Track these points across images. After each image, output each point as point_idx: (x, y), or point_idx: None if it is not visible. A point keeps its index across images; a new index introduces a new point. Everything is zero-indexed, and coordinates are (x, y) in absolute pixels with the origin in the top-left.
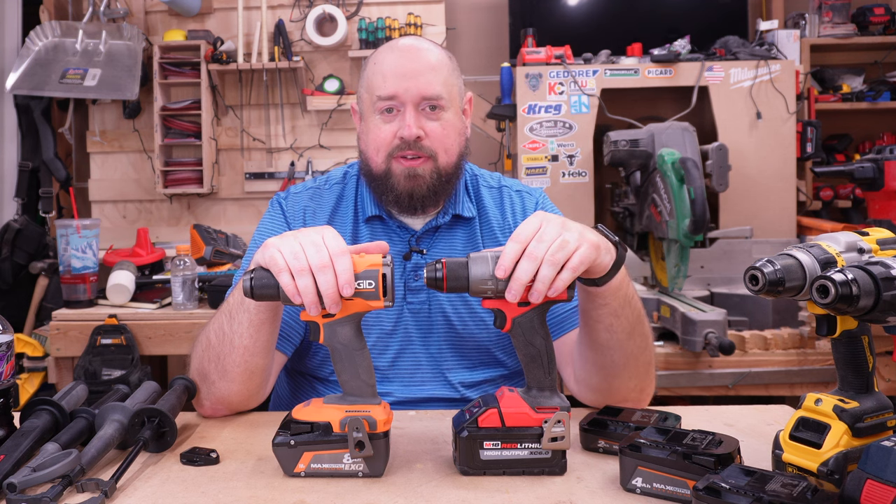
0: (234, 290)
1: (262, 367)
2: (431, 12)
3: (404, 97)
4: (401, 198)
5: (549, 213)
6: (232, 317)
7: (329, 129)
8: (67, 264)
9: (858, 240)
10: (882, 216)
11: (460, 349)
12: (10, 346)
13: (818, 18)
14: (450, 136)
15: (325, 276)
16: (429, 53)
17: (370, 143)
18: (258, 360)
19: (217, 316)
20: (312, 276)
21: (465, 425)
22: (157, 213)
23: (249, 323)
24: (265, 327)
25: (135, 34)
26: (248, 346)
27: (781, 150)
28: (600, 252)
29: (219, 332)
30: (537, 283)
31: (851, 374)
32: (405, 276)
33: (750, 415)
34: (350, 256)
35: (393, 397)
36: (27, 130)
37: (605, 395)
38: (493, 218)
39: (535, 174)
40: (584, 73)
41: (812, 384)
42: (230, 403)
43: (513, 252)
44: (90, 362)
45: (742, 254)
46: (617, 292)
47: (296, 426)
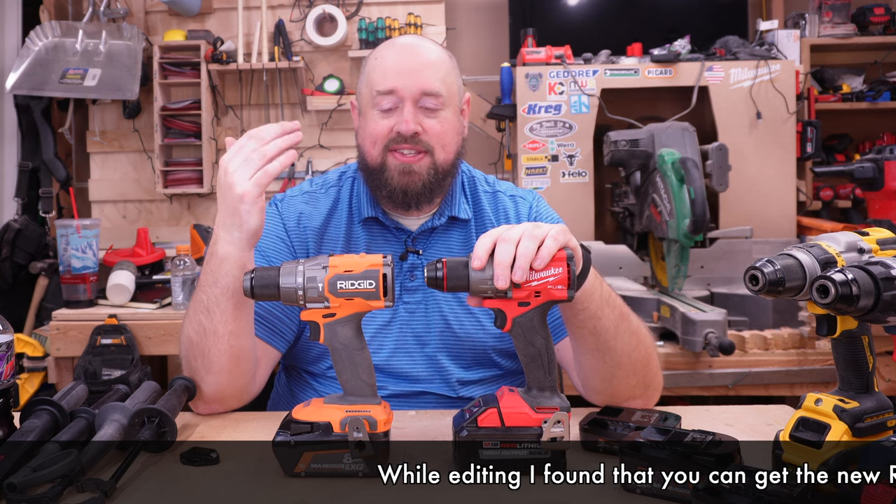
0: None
1: (246, 350)
2: (431, 12)
3: (403, 92)
4: (395, 193)
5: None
6: (211, 310)
7: (329, 129)
8: (67, 264)
9: (858, 240)
10: (882, 216)
11: (456, 349)
12: (10, 346)
13: (818, 18)
14: (447, 134)
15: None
16: (429, 51)
17: (367, 136)
18: (243, 342)
19: (191, 315)
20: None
21: (465, 425)
22: (157, 213)
23: (234, 307)
24: (247, 307)
25: (135, 34)
26: (233, 330)
27: (781, 150)
28: (570, 236)
29: (199, 328)
30: (519, 259)
31: (851, 374)
32: (401, 277)
33: (750, 415)
34: None
35: (388, 391)
36: (27, 130)
37: (609, 395)
38: (489, 221)
39: (535, 174)
40: (584, 73)
41: (812, 384)
42: (223, 397)
43: (484, 243)
44: (90, 362)
45: (742, 254)
46: (592, 294)
47: (296, 426)
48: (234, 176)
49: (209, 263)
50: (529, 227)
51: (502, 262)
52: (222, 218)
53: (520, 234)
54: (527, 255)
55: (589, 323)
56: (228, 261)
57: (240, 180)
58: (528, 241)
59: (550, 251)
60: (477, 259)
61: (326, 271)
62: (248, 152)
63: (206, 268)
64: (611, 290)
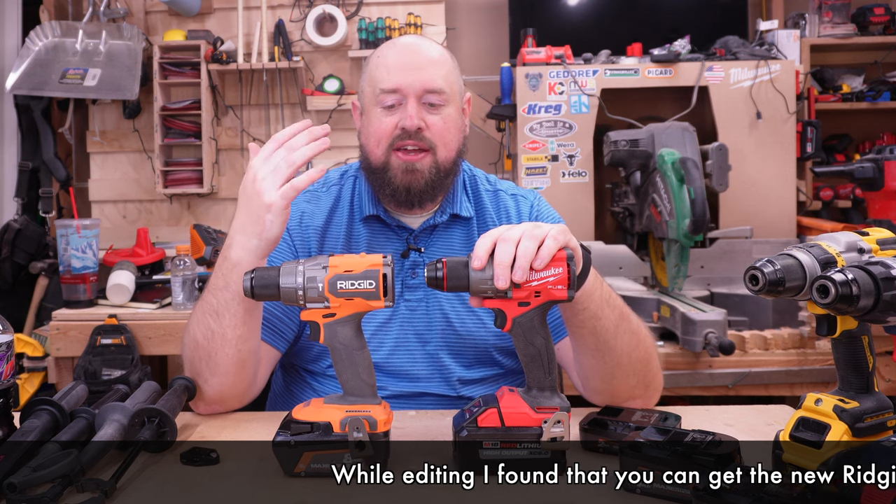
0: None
1: (252, 353)
2: (431, 12)
3: (407, 90)
4: (398, 191)
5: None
6: (220, 314)
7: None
8: (67, 264)
9: (858, 240)
10: (882, 216)
11: (457, 347)
12: (10, 346)
13: (818, 18)
14: (450, 131)
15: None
16: (431, 49)
17: (371, 135)
18: (250, 346)
19: (199, 318)
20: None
21: (465, 425)
22: (157, 213)
23: (245, 311)
24: (256, 311)
25: (135, 34)
26: (241, 335)
27: (781, 150)
28: (570, 236)
29: (206, 331)
30: (519, 259)
31: (851, 374)
32: (403, 274)
33: (750, 415)
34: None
35: (388, 391)
36: (27, 130)
37: (609, 395)
38: (491, 219)
39: (535, 174)
40: (584, 73)
41: (812, 384)
42: (224, 399)
43: (484, 243)
44: (90, 362)
45: (742, 254)
46: (592, 294)
47: (296, 426)
48: (263, 183)
49: (221, 267)
50: (529, 227)
51: (502, 262)
52: (242, 223)
53: (520, 234)
54: (527, 255)
55: (589, 323)
56: (241, 266)
57: (269, 189)
58: (528, 241)
59: (550, 251)
60: (477, 259)
61: (326, 271)
62: (277, 160)
63: (218, 271)
64: (611, 291)
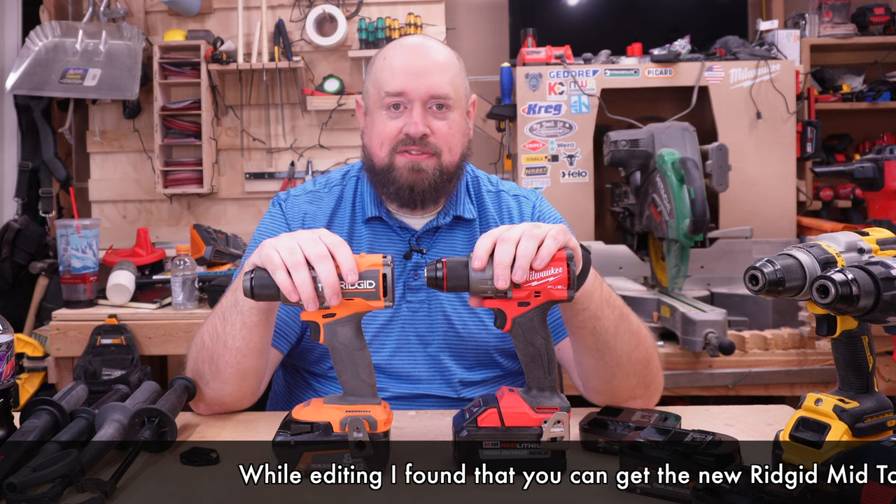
0: (229, 292)
1: (255, 369)
2: (431, 12)
3: (412, 94)
4: (402, 190)
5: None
6: (225, 318)
7: (329, 129)
8: (67, 264)
9: (858, 240)
10: (882, 216)
11: (459, 349)
12: (10, 346)
13: (818, 18)
14: (455, 136)
15: (325, 265)
16: (438, 52)
17: (374, 136)
18: (251, 362)
19: (212, 317)
20: (309, 269)
21: (465, 425)
22: (157, 213)
23: (242, 325)
24: (258, 330)
25: (135, 34)
26: (240, 348)
27: (781, 150)
28: (570, 236)
29: (213, 332)
30: (519, 259)
31: (851, 374)
32: (405, 276)
33: (750, 415)
34: (349, 247)
35: (389, 393)
36: (27, 130)
37: (610, 395)
38: (493, 221)
39: (535, 174)
40: (584, 73)
41: (812, 384)
42: (224, 403)
43: (484, 243)
44: (90, 362)
45: (742, 254)
46: (592, 295)
47: (296, 426)
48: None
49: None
50: (529, 227)
51: (502, 262)
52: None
53: (520, 234)
54: (527, 255)
55: (589, 323)
56: None
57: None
58: (527, 241)
59: (550, 251)
60: (477, 259)
61: None
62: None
63: (235, 283)
64: (611, 291)
